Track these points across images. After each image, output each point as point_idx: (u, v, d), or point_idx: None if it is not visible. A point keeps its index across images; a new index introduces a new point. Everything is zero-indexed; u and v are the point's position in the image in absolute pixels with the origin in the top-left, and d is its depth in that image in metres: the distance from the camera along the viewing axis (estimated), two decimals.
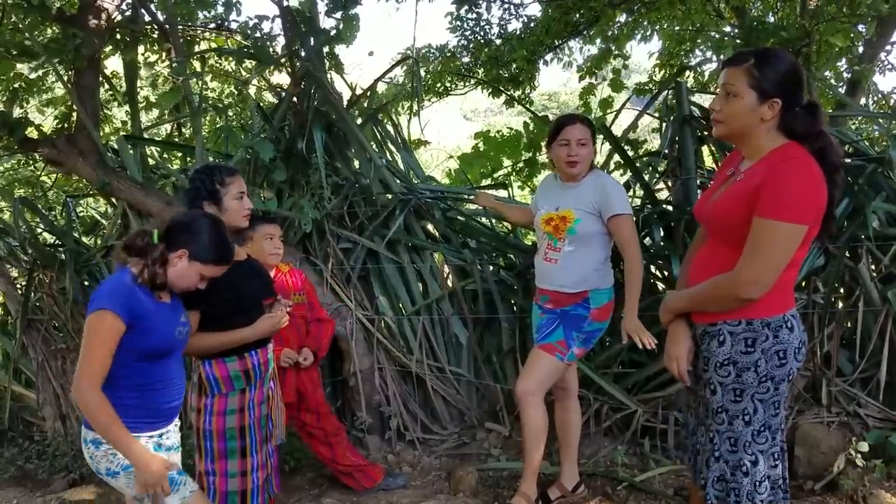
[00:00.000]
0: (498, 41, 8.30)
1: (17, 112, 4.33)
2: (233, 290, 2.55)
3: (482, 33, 8.29)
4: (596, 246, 3.01)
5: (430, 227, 4.50)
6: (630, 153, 4.41)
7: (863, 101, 6.51)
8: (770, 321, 2.04)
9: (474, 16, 8.12)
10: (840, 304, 3.79)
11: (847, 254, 3.67)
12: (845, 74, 6.92)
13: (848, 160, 3.85)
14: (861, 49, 6.29)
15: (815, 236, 2.04)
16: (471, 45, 8.37)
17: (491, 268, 4.32)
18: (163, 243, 2.23)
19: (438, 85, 8.69)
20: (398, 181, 4.42)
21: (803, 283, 3.70)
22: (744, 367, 2.07)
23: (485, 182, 5.65)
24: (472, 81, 8.72)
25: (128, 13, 4.96)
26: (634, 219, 3.14)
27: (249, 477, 2.62)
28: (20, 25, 4.40)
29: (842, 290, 3.82)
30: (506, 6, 8.19)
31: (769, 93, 1.98)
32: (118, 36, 4.94)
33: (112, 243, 4.38)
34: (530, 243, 4.37)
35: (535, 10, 8.35)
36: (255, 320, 2.63)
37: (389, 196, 4.28)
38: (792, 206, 1.89)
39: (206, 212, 2.44)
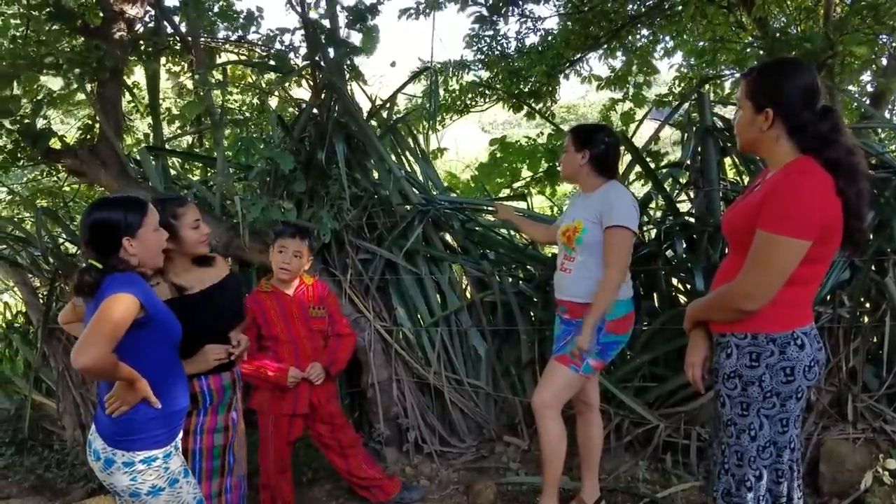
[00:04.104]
0: (515, 55, 8.28)
1: (40, 123, 4.36)
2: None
3: (499, 48, 8.28)
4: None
5: (448, 238, 4.49)
6: (651, 164, 4.38)
7: (886, 113, 6.44)
8: (776, 337, 2.00)
9: (491, 32, 8.12)
10: (866, 319, 3.73)
11: (873, 267, 3.62)
12: (869, 87, 6.84)
13: (873, 172, 3.80)
14: (885, 61, 6.23)
15: (839, 249, 2.00)
16: (486, 60, 8.36)
17: (510, 279, 4.30)
18: (109, 257, 2.16)
19: (459, 102, 8.67)
20: (417, 192, 4.41)
21: (828, 297, 3.64)
22: (748, 381, 2.04)
23: (504, 192, 5.63)
24: (493, 97, 8.68)
25: (150, 25, 5.02)
26: (635, 235, 3.06)
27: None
28: (43, 38, 4.46)
29: (868, 305, 3.76)
30: (524, 20, 8.17)
31: (761, 103, 1.98)
32: (141, 48, 4.99)
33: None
34: (550, 255, 4.34)
35: (553, 22, 8.28)
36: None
37: (408, 207, 4.28)
38: (791, 221, 1.86)
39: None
